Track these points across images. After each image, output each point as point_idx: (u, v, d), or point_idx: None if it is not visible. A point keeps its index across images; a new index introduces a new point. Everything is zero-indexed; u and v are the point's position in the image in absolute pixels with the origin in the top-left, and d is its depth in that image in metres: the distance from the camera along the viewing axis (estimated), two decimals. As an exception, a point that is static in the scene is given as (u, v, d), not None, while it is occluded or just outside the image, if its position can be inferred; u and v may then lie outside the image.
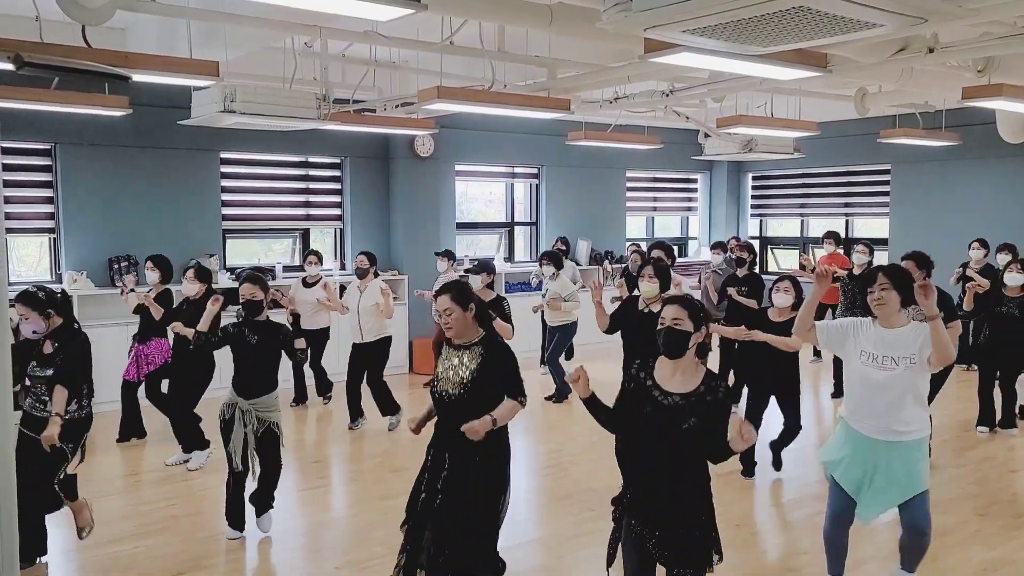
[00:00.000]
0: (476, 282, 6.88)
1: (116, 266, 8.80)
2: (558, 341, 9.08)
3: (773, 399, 6.21)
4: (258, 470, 5.23)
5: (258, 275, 5.43)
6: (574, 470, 6.66)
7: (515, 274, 11.70)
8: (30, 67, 4.05)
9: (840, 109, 9.72)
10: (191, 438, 6.78)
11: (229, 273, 9.59)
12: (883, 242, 11.94)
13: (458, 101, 6.29)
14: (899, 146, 11.00)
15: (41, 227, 8.78)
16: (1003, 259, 8.81)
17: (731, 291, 7.84)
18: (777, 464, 6.46)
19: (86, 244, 8.77)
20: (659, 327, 3.32)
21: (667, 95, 8.06)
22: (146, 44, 6.87)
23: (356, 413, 7.86)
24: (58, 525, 5.61)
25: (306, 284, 8.56)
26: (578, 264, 11.72)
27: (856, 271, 8.46)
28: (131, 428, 7.49)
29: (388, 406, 7.84)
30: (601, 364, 7.18)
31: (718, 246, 9.83)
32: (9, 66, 4.12)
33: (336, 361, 8.79)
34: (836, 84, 8.03)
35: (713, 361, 6.47)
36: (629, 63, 6.96)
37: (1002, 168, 11.07)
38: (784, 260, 14.18)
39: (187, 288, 6.70)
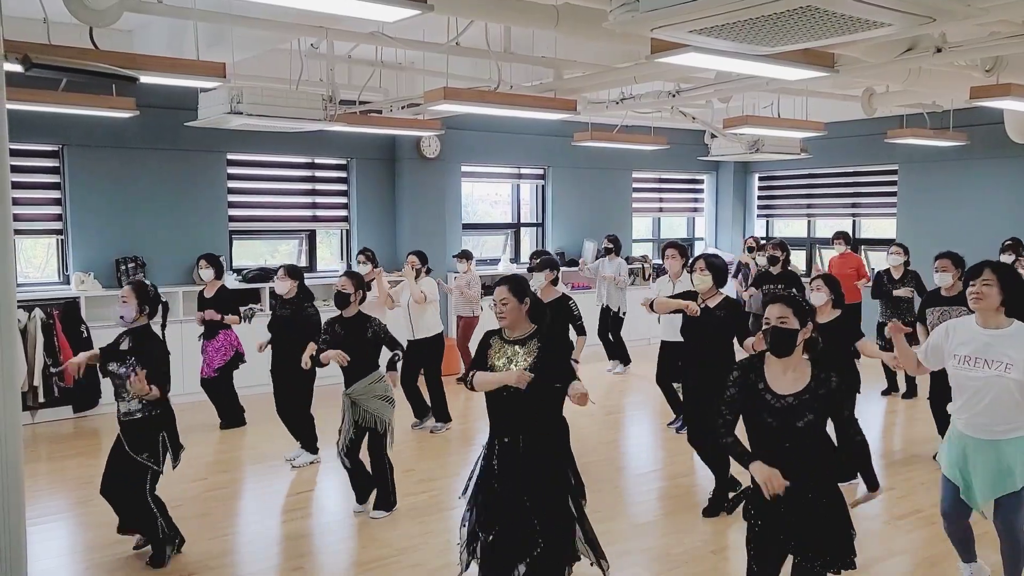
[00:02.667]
0: (540, 279, 6.77)
1: (123, 267, 8.83)
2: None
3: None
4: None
5: (356, 272, 6.08)
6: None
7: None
8: (38, 69, 4.06)
9: (847, 109, 9.70)
10: (309, 437, 6.86)
11: (236, 274, 9.61)
12: (890, 243, 11.89)
13: (464, 102, 6.29)
14: (907, 146, 10.97)
15: (48, 228, 8.80)
16: (1007, 259, 8.77)
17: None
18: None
19: (93, 245, 8.79)
20: (764, 327, 3.35)
21: (673, 96, 8.05)
22: (153, 46, 6.89)
23: (421, 410, 7.89)
24: (65, 525, 5.63)
25: None
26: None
27: (895, 274, 8.44)
28: (230, 420, 7.95)
29: (440, 412, 7.87)
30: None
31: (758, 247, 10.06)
32: (18, 68, 4.14)
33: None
34: (843, 84, 8.02)
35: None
36: (635, 63, 6.95)
37: (1010, 168, 11.02)
38: (792, 261, 14.11)
39: (280, 287, 6.73)
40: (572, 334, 6.36)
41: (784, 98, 9.31)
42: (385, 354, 5.70)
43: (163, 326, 4.90)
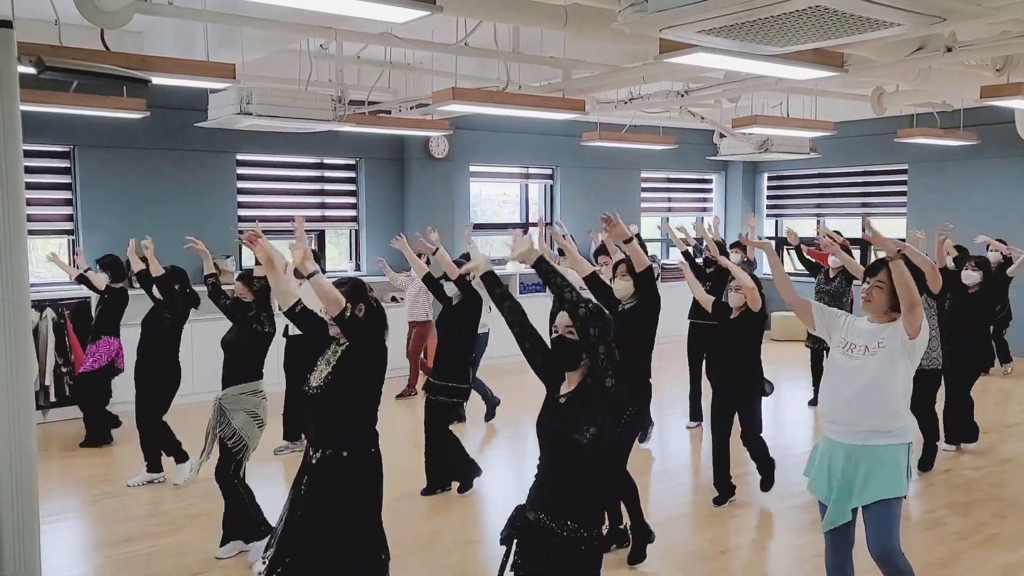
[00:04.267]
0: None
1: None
2: None
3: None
4: None
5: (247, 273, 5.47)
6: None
7: (530, 274, 11.69)
8: (51, 71, 4.09)
9: (857, 109, 9.67)
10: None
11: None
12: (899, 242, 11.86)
13: (473, 102, 6.30)
14: (916, 146, 10.92)
15: (60, 228, 8.86)
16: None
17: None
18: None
19: (104, 245, 8.80)
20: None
21: (682, 95, 8.04)
22: (163, 47, 6.92)
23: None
24: (77, 523, 5.67)
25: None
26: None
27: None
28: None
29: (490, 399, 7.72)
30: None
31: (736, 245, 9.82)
32: (30, 70, 4.17)
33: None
34: (853, 84, 7.99)
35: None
36: (644, 63, 6.95)
37: (1021, 168, 10.97)
38: (799, 260, 14.07)
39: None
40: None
41: (793, 98, 9.28)
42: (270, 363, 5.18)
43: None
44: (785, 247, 9.52)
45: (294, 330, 6.58)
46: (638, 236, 7.17)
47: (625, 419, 4.59)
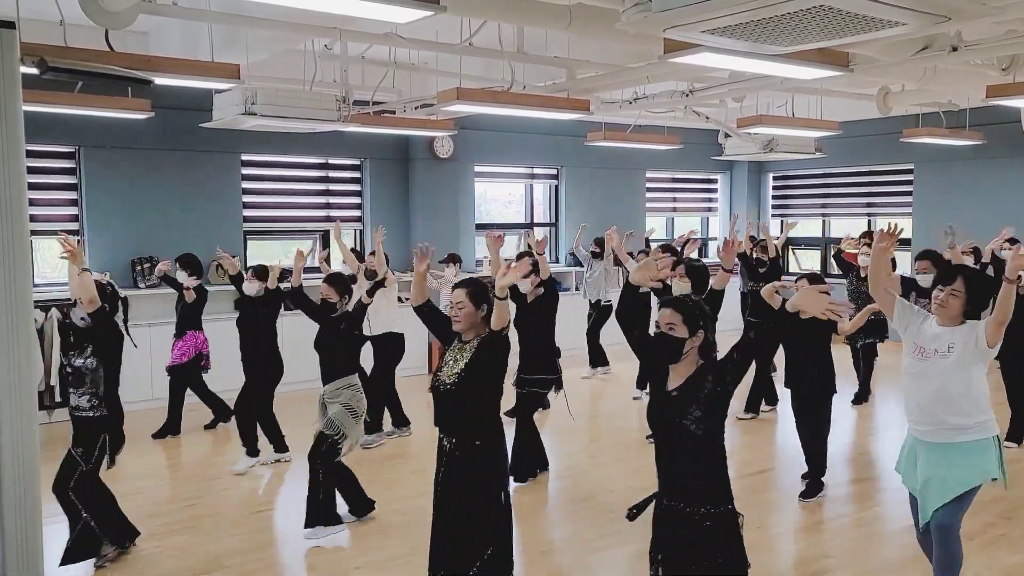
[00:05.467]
0: (525, 284, 6.43)
1: (139, 267, 8.89)
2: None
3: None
4: None
5: (336, 274, 5.87)
6: (594, 472, 6.63)
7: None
8: (54, 71, 4.10)
9: (862, 108, 9.64)
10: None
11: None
12: (906, 243, 11.82)
13: (477, 102, 6.30)
14: (922, 145, 10.89)
15: (65, 229, 8.85)
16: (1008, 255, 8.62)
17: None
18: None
19: (109, 246, 8.85)
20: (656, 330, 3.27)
21: (687, 95, 8.03)
22: (168, 48, 6.93)
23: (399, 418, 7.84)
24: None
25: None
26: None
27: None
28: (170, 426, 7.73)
29: (398, 416, 7.81)
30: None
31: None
32: (33, 70, 4.17)
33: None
34: (858, 83, 7.97)
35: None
36: (649, 63, 6.93)
37: (1027, 167, 10.94)
38: (805, 260, 14.08)
39: (249, 288, 6.68)
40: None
41: (798, 97, 9.26)
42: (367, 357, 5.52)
43: (124, 321, 4.95)
44: (791, 247, 9.57)
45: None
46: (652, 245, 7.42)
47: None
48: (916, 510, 4.09)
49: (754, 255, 8.65)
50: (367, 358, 7.02)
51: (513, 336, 4.09)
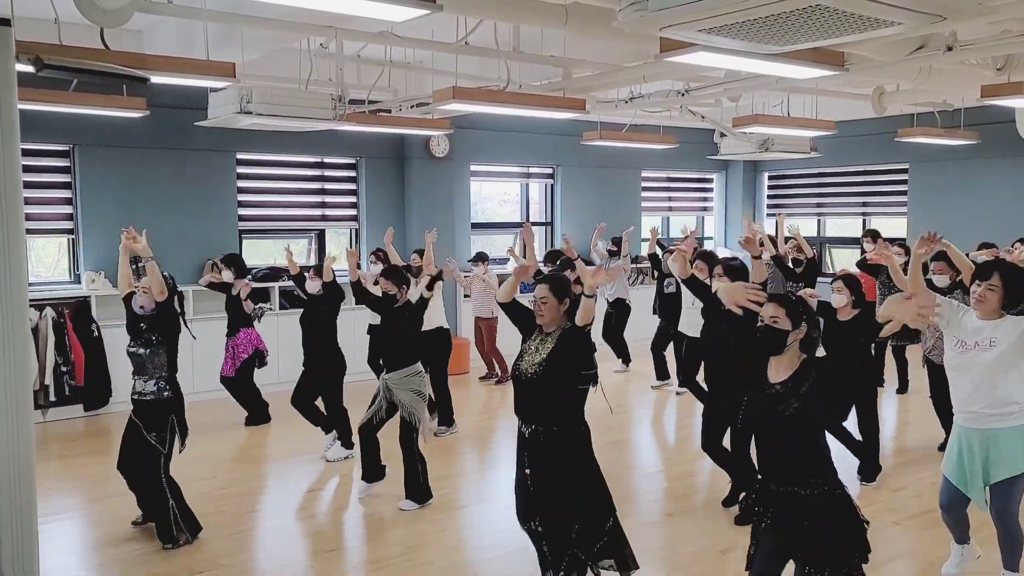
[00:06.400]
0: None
1: (134, 266, 8.84)
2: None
3: None
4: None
5: (394, 268, 6.18)
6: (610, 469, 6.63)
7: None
8: (49, 69, 4.08)
9: (857, 108, 9.66)
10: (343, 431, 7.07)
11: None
12: (901, 241, 11.85)
13: (473, 101, 6.30)
14: (917, 145, 10.91)
15: (60, 228, 8.85)
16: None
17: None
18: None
19: (104, 244, 8.82)
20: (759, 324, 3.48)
21: (683, 94, 8.04)
22: (163, 46, 6.92)
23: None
24: (76, 523, 5.66)
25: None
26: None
27: None
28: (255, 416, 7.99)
29: (445, 414, 7.82)
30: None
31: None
32: (29, 68, 4.16)
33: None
34: (853, 83, 7.98)
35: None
36: (645, 63, 6.95)
37: (1022, 167, 10.96)
38: (840, 260, 13.99)
39: (312, 287, 6.94)
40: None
41: (794, 97, 9.28)
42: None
43: (181, 313, 5.22)
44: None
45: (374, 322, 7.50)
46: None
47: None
48: (948, 491, 4.31)
49: (789, 257, 8.61)
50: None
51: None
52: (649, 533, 5.33)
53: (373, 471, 5.96)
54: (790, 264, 8.44)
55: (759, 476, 3.45)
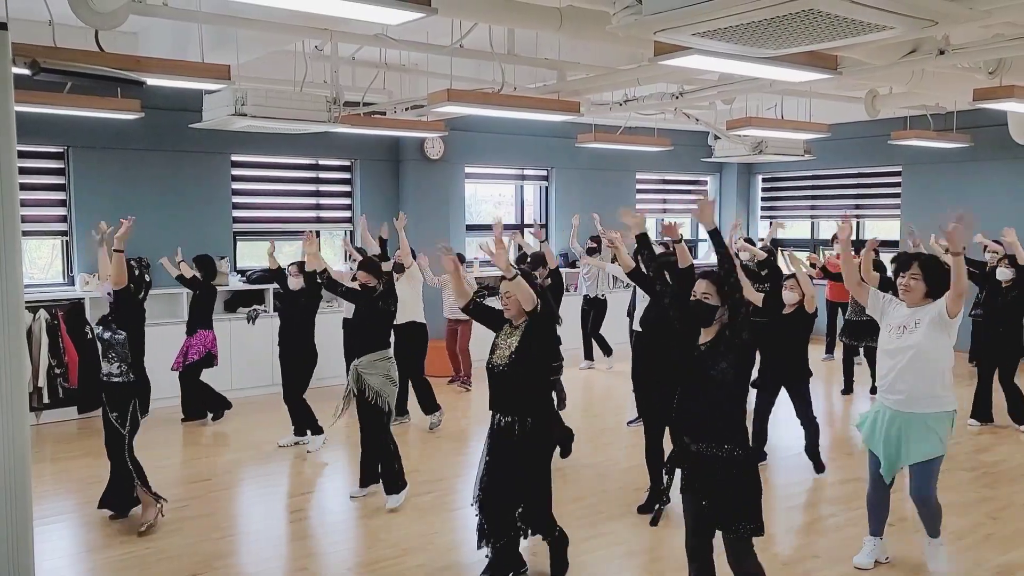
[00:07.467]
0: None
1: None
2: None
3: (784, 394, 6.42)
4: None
5: (370, 260, 6.27)
6: (585, 472, 6.65)
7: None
8: (45, 72, 4.09)
9: (851, 111, 9.70)
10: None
11: (240, 275, 9.63)
12: (894, 244, 11.89)
13: (468, 104, 6.31)
14: (910, 148, 10.95)
15: (54, 230, 8.83)
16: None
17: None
18: (819, 467, 6.48)
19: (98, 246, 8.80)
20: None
21: (677, 97, 8.06)
22: (158, 48, 6.91)
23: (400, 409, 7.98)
24: (68, 527, 5.65)
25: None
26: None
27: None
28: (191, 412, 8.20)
29: (428, 404, 7.97)
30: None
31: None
32: (25, 71, 4.16)
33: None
34: (847, 86, 8.01)
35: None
36: (639, 65, 6.96)
37: (1014, 170, 11.01)
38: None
39: (294, 283, 7.24)
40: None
41: (787, 99, 9.31)
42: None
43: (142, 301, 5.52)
44: (781, 249, 9.63)
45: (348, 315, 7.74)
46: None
47: None
48: (874, 465, 4.61)
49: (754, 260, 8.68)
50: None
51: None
52: (641, 532, 5.34)
53: (369, 475, 5.98)
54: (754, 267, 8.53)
55: (681, 438, 3.72)
